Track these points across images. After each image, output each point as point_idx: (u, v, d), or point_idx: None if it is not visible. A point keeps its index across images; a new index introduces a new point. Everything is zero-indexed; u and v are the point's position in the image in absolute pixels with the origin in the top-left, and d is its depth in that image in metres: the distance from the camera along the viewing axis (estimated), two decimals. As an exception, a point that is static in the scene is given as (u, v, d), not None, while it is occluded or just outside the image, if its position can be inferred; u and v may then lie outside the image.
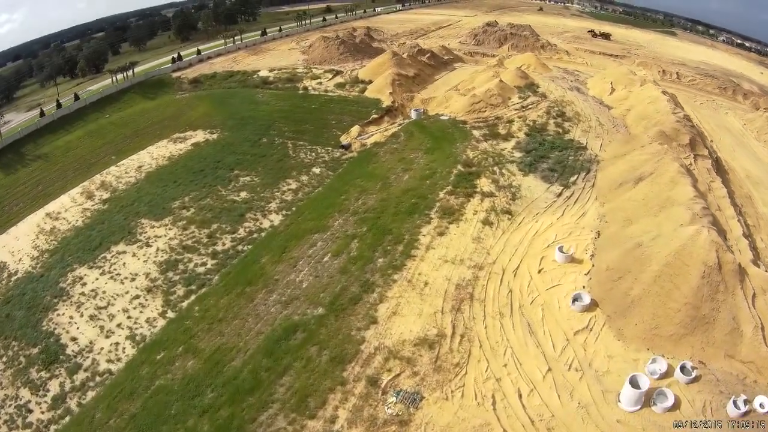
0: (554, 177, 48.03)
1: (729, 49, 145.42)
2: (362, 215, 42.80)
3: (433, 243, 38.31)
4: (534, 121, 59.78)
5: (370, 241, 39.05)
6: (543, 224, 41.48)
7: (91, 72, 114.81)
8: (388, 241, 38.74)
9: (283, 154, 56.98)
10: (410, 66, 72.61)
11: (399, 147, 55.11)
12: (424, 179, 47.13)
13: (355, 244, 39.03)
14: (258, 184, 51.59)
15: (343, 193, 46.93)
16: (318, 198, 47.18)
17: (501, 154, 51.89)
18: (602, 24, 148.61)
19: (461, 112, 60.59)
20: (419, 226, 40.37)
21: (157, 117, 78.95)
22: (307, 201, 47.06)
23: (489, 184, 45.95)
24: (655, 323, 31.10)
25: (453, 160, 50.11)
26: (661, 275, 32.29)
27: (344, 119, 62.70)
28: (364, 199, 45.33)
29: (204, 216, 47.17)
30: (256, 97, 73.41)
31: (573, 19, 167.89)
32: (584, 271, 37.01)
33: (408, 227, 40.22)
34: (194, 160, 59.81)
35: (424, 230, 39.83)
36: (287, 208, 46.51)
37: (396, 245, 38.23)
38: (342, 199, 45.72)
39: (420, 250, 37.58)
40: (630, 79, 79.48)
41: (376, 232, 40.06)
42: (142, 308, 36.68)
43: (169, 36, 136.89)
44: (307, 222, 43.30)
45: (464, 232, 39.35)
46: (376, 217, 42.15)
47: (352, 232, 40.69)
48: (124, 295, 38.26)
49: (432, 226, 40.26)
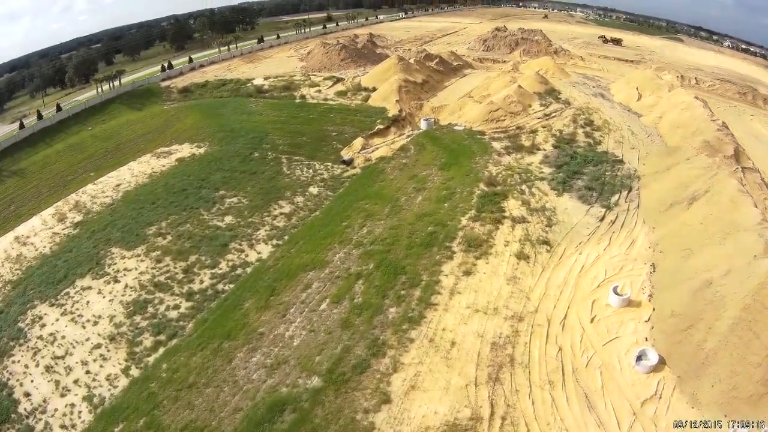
0: (593, 197, 39.97)
1: (736, 54, 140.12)
2: (368, 248, 34.61)
3: (459, 286, 30.08)
4: (560, 130, 51.79)
5: (378, 282, 30.81)
6: (588, 257, 33.44)
7: (80, 82, 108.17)
8: (401, 283, 30.49)
9: (276, 171, 48.99)
10: (418, 72, 64.75)
11: (409, 162, 47.05)
12: (442, 201, 39.00)
13: (360, 287, 30.81)
14: (246, 206, 43.65)
15: (345, 218, 38.81)
16: (315, 224, 39.05)
17: (528, 169, 43.79)
18: (609, 30, 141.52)
19: (478, 121, 52.60)
20: (439, 262, 32.14)
21: (141, 129, 71.81)
22: (302, 228, 38.95)
23: (519, 206, 37.79)
24: (734, 383, 24.25)
25: (473, 178, 41.99)
26: (739, 322, 25.57)
27: (345, 130, 54.73)
28: (369, 227, 37.18)
29: (181, 245, 39.43)
30: (248, 106, 65.63)
31: (579, 26, 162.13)
32: (644, 316, 29.41)
33: (425, 264, 31.98)
34: (177, 177, 52.21)
35: (446, 268, 31.57)
36: (278, 237, 38.46)
37: (412, 289, 29.98)
38: (343, 227, 37.57)
39: (442, 296, 29.29)
40: (657, 83, 71.96)
41: (385, 270, 31.83)
42: (104, 361, 29.35)
43: (164, 46, 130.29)
44: (301, 255, 35.16)
45: (496, 270, 31.09)
46: (386, 250, 33.94)
47: (356, 270, 32.46)
48: (85, 342, 30.97)
49: (455, 263, 32.01)
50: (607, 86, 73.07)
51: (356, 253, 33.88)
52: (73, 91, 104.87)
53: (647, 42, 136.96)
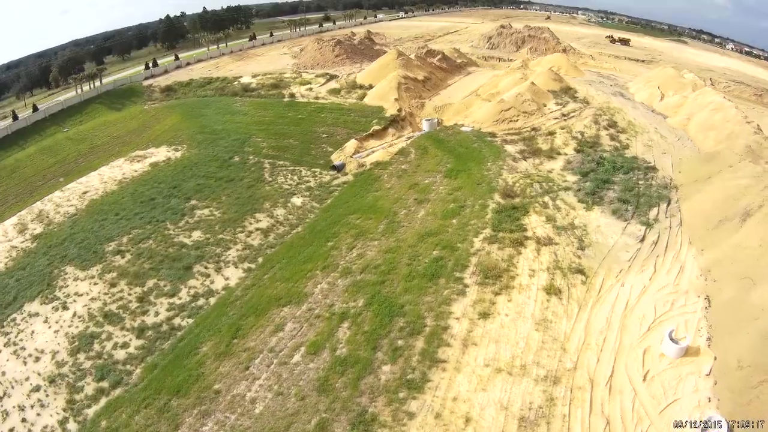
0: (628, 211, 32.77)
1: (740, 57, 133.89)
2: (357, 277, 27.32)
3: (474, 334, 22.56)
4: (582, 132, 44.55)
5: (368, 327, 23.43)
6: (633, 289, 26.23)
7: (66, 82, 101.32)
8: (398, 329, 23.07)
9: (256, 178, 41.81)
10: (419, 68, 57.50)
11: (409, 168, 39.81)
12: (449, 217, 31.63)
13: (345, 332, 23.42)
14: (218, 220, 36.56)
15: (331, 236, 31.56)
16: (295, 244, 31.84)
17: (549, 177, 36.55)
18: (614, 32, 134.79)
19: (487, 121, 45.37)
20: (448, 300, 24.65)
21: (118, 131, 64.94)
22: (280, 248, 31.76)
23: (543, 223, 30.49)
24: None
25: (486, 188, 34.65)
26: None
27: (337, 132, 47.52)
28: (360, 249, 29.91)
29: (140, 267, 32.73)
30: (233, 106, 58.47)
31: (583, 26, 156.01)
32: (704, 368, 22.30)
33: (430, 303, 24.52)
34: (147, 185, 45.32)
35: (456, 308, 24.07)
36: (251, 259, 31.34)
37: (412, 338, 22.51)
38: (329, 248, 30.33)
39: (453, 349, 21.75)
40: (679, 82, 64.85)
41: (378, 310, 24.46)
42: (41, 408, 23.70)
43: (156, 45, 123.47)
44: (275, 284, 27.97)
45: (521, 311, 23.70)
46: (379, 281, 26.59)
47: (341, 307, 25.12)
48: (24, 382, 25.35)
49: (469, 301, 24.50)
50: (624, 85, 65.92)
51: (342, 284, 26.52)
52: (56, 91, 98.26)
53: (653, 43, 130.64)
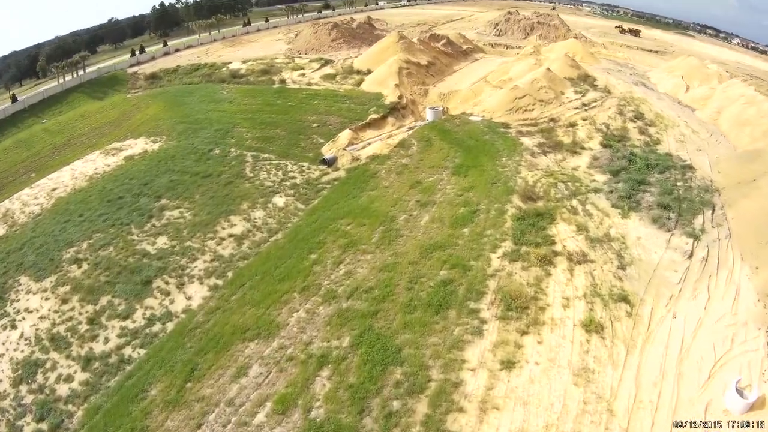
0: (671, 219, 26.87)
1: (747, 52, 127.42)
2: (344, 303, 21.45)
3: (495, 392, 16.44)
4: (606, 124, 38.53)
5: (355, 378, 17.44)
6: (687, 322, 20.45)
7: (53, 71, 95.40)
8: (394, 382, 17.06)
9: (235, 174, 35.98)
10: (422, 53, 51.29)
11: (411, 163, 33.85)
12: (459, 225, 25.63)
13: (324, 383, 17.52)
14: (187, 223, 30.87)
15: (316, 247, 25.69)
16: (272, 256, 26.03)
17: (575, 176, 30.59)
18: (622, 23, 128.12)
19: (499, 110, 39.34)
20: (460, 341, 18.49)
21: (97, 121, 59.33)
22: (254, 261, 25.96)
23: (574, 234, 24.56)
24: None
25: (503, 188, 28.62)
26: None
27: (330, 121, 41.48)
28: (350, 264, 24.00)
29: (95, 279, 27.57)
30: (218, 93, 52.48)
31: (589, 17, 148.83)
32: None
33: (436, 345, 18.42)
34: (117, 181, 39.92)
35: (471, 354, 17.94)
36: (219, 274, 25.63)
37: (412, 397, 16.43)
38: (311, 262, 24.46)
39: (467, 416, 15.58)
40: (705, 73, 58.75)
41: (368, 352, 18.47)
42: None
43: (149, 34, 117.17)
44: (243, 309, 22.21)
45: (555, 357, 17.72)
46: (371, 310, 20.63)
47: (321, 347, 19.20)
48: None
49: (487, 343, 18.39)
50: (645, 74, 59.74)
51: (324, 313, 20.66)
52: (43, 81, 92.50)
53: (662, 35, 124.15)
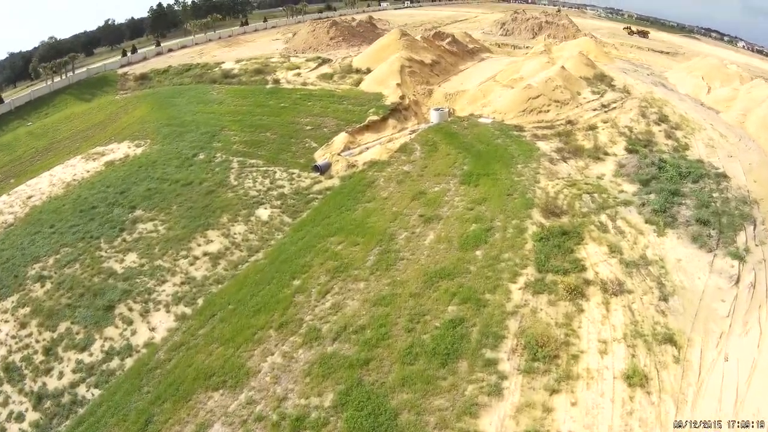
0: (711, 237, 22.86)
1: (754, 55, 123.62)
2: (329, 347, 17.46)
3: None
4: (630, 128, 34.54)
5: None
6: (740, 366, 16.45)
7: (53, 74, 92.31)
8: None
9: (218, 182, 32.10)
10: (426, 51, 47.37)
11: (413, 170, 29.83)
12: (470, 246, 21.56)
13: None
14: (160, 238, 27.06)
15: (300, 271, 21.68)
16: (249, 280, 22.07)
17: (601, 186, 26.55)
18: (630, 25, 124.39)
19: (511, 111, 35.36)
20: (474, 405, 14.35)
21: (83, 124, 55.96)
22: (229, 285, 22.00)
23: (606, 257, 20.51)
24: None
25: (521, 201, 24.57)
26: None
27: (326, 123, 37.55)
28: (339, 294, 19.98)
29: (57, 301, 24.16)
30: (208, 94, 48.75)
31: (595, 20, 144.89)
32: None
33: (443, 409, 14.29)
34: (94, 189, 36.49)
35: (487, 422, 13.80)
36: (189, 300, 21.75)
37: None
38: (293, 290, 20.49)
39: None
40: (725, 74, 55.00)
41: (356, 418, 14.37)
42: None
43: (147, 36, 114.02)
44: (210, 348, 18.28)
45: (592, 423, 13.69)
46: (362, 358, 16.57)
47: (297, 406, 15.18)
48: None
49: (509, 406, 14.29)
50: (662, 75, 55.82)
51: (304, 359, 16.64)
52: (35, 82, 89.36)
53: (670, 38, 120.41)
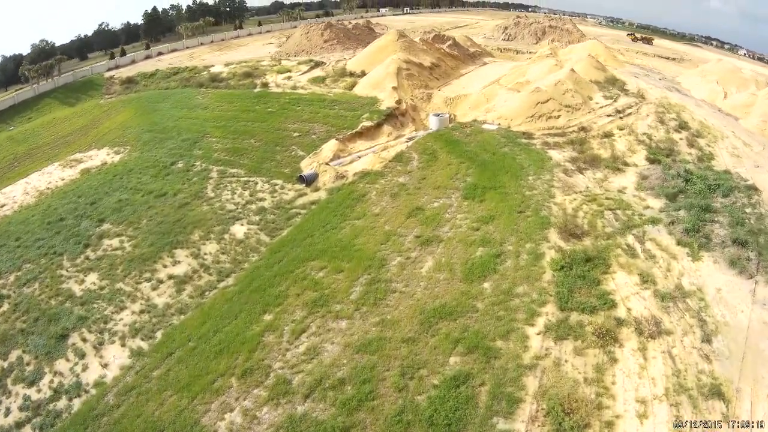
0: (750, 261, 19.56)
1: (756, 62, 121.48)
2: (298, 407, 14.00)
3: None
4: (648, 135, 31.30)
5: None
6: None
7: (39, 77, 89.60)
8: None
9: (194, 193, 28.80)
10: (425, 53, 44.26)
11: (410, 182, 26.44)
12: (477, 275, 18.08)
13: None
14: (125, 256, 23.81)
15: (273, 302, 18.32)
16: (214, 311, 18.66)
17: (624, 202, 23.19)
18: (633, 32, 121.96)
19: (518, 117, 32.12)
20: None
21: (64, 129, 52.99)
22: (191, 317, 18.64)
23: (638, 288, 17.13)
24: None
25: (536, 220, 21.12)
26: None
27: (314, 130, 34.25)
28: (316, 335, 16.58)
29: (11, 325, 21.12)
30: (193, 99, 45.59)
31: (597, 27, 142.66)
32: None
33: None
34: (65, 199, 33.42)
35: None
36: (147, 333, 18.50)
37: None
38: (263, 328, 17.11)
39: None
40: (741, 78, 52.18)
41: None
42: None
43: (142, 41, 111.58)
44: (162, 396, 14.94)
45: None
46: (341, 426, 13.04)
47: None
48: None
49: None
50: (674, 79, 52.80)
51: (269, 421, 13.18)
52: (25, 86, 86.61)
53: (673, 45, 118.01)
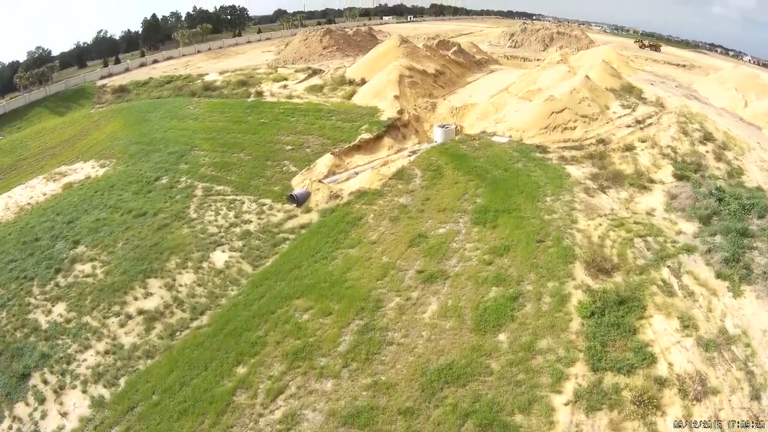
0: (807, 293, 16.46)
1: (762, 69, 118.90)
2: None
3: None
4: (672, 148, 28.58)
5: None
6: None
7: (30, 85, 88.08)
8: None
9: (175, 213, 26.23)
10: (429, 59, 41.79)
11: (412, 204, 23.70)
12: (491, 324, 15.06)
13: None
14: (96, 285, 21.38)
15: (249, 351, 15.72)
16: (183, 359, 15.96)
17: (654, 227, 20.39)
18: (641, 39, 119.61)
19: (531, 129, 29.46)
20: None
21: (53, 140, 50.84)
22: (158, 364, 15.98)
23: (678, 336, 14.33)
24: None
25: (558, 252, 18.12)
26: None
27: (309, 143, 31.64)
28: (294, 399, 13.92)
29: None
30: (184, 109, 43.23)
31: (602, 35, 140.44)
32: None
33: None
34: (44, 216, 31.35)
35: None
36: (109, 380, 15.99)
37: None
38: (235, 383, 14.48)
39: None
40: (760, 85, 49.75)
41: None
42: None
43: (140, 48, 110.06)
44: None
45: None
46: None
47: None
48: None
49: None
50: (690, 86, 50.13)
51: None
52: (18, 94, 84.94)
53: (678, 52, 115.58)
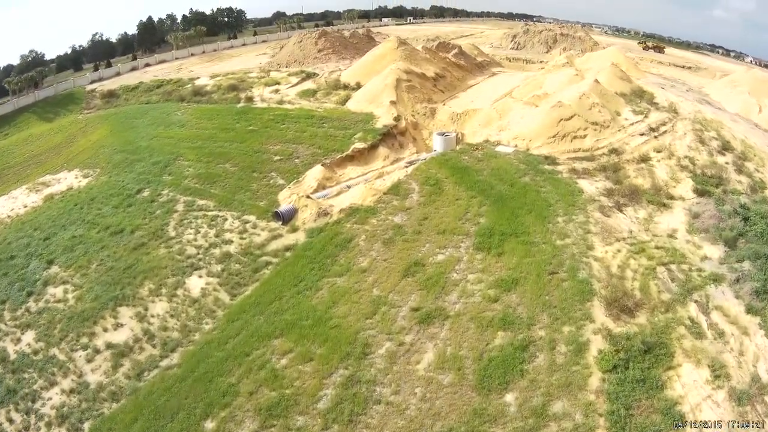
0: None
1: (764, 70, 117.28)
2: None
3: None
4: (690, 158, 26.49)
5: None
6: None
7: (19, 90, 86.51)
8: None
9: (154, 231, 24.20)
10: (428, 62, 39.71)
11: (408, 224, 21.51)
12: (496, 381, 12.77)
13: None
14: (66, 312, 19.50)
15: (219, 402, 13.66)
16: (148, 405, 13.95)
17: (678, 252, 18.24)
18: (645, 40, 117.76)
19: (539, 137, 27.36)
20: None
21: (39, 147, 48.89)
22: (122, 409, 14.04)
23: (709, 389, 12.23)
24: None
25: (573, 287, 15.85)
26: None
27: (299, 152, 29.51)
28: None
29: None
30: (172, 115, 41.26)
31: (603, 36, 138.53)
32: None
33: None
34: (22, 231, 29.46)
35: None
36: (73, 424, 14.40)
37: None
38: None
39: None
40: (775, 88, 47.02)
41: None
42: None
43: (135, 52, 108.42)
44: None
45: None
46: None
47: None
48: None
49: None
50: (701, 90, 48.06)
51: None
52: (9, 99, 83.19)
53: (681, 53, 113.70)
